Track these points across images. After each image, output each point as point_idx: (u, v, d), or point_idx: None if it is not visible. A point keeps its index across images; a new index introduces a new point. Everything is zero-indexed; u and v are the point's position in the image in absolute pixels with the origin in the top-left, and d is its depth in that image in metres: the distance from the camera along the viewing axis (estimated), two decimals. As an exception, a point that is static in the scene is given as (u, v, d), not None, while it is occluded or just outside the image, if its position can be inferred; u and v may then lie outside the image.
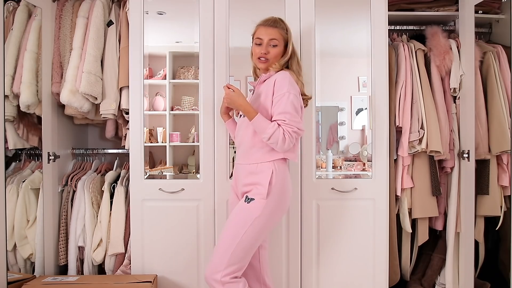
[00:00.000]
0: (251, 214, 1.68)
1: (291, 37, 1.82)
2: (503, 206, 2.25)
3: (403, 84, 2.30)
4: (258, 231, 1.70)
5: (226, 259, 1.64)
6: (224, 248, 1.67)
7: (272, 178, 1.70)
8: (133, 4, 2.22)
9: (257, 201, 1.68)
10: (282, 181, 1.74)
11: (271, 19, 1.80)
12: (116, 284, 2.05)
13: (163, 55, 2.48)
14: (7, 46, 2.24)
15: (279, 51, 1.78)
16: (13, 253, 2.36)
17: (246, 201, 1.71)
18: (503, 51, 2.29)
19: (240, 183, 1.81)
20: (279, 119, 1.66)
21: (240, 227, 1.68)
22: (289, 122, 1.64)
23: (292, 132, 1.65)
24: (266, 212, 1.68)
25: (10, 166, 2.59)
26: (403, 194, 2.34)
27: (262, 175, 1.72)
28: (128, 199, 2.34)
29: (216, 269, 1.64)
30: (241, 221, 1.68)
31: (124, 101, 2.34)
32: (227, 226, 1.74)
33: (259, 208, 1.67)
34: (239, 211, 1.73)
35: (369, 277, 2.24)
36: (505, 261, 2.16)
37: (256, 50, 1.79)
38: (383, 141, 2.22)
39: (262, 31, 1.78)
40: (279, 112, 1.66)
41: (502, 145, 2.18)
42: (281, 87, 1.68)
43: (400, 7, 2.39)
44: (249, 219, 1.67)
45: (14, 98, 2.31)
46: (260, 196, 1.68)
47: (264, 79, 1.80)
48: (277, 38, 1.76)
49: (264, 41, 1.76)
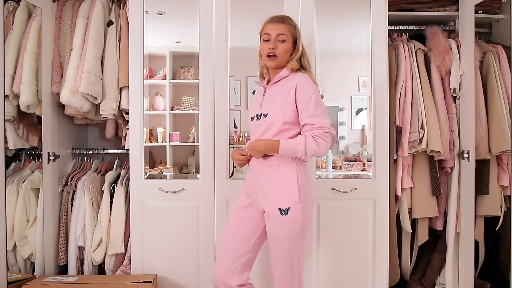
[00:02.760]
0: (296, 223, 1.64)
1: (300, 33, 1.78)
2: (503, 206, 2.25)
3: (403, 84, 2.30)
4: (305, 235, 1.72)
5: (295, 274, 1.69)
6: (290, 268, 1.68)
7: (299, 180, 1.67)
8: (133, 4, 2.22)
9: (294, 208, 1.63)
10: (306, 178, 1.71)
11: (279, 15, 1.78)
12: (116, 284, 2.05)
13: (163, 55, 2.48)
14: (7, 46, 2.24)
15: (287, 47, 1.73)
16: (13, 253, 2.36)
17: (282, 213, 1.63)
18: (503, 51, 2.29)
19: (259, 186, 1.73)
20: (308, 122, 1.63)
21: (293, 241, 1.65)
22: (319, 124, 1.62)
23: (324, 132, 1.61)
24: (304, 215, 1.67)
25: (10, 166, 2.59)
26: (403, 194, 2.34)
27: (285, 178, 1.67)
28: (128, 199, 2.34)
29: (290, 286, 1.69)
30: (291, 235, 1.65)
31: (124, 101, 2.34)
32: (280, 247, 1.67)
33: (299, 214, 1.64)
34: (281, 225, 1.65)
35: (369, 277, 2.24)
36: (505, 261, 2.16)
37: (264, 46, 1.74)
38: (383, 141, 2.22)
39: (270, 27, 1.74)
40: (308, 116, 1.64)
41: (502, 145, 2.18)
42: (306, 92, 1.65)
43: (400, 7, 2.39)
44: (296, 229, 1.64)
45: (14, 98, 2.31)
46: (294, 201, 1.64)
47: (278, 79, 1.74)
48: (285, 33, 1.72)
49: (272, 37, 1.72)
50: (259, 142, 1.70)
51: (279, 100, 1.69)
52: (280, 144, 1.64)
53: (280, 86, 1.73)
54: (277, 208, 1.64)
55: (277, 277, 1.72)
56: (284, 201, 1.64)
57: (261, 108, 1.75)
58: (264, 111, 1.72)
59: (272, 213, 1.66)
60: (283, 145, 1.64)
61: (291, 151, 1.64)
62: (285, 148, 1.64)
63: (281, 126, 1.68)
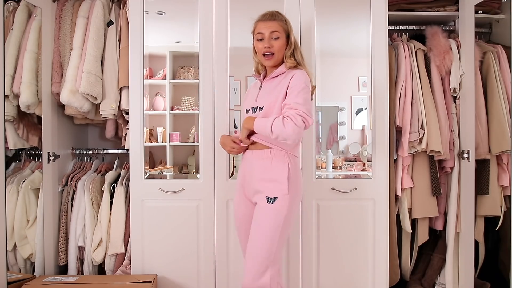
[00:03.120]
0: (280, 213, 1.66)
1: (291, 27, 1.79)
2: (503, 206, 2.25)
3: (403, 84, 2.30)
4: (288, 228, 1.71)
5: (269, 262, 1.64)
6: (264, 252, 1.64)
7: (289, 173, 1.69)
8: (133, 4, 2.22)
9: (281, 199, 1.66)
10: (296, 172, 1.74)
11: (269, 13, 1.78)
12: (116, 284, 2.05)
13: (163, 55, 2.48)
14: (7, 46, 2.24)
15: (282, 43, 1.74)
16: (13, 253, 2.36)
17: (269, 201, 1.67)
18: (503, 51, 2.29)
19: (253, 179, 1.75)
20: (286, 103, 1.63)
21: (274, 228, 1.65)
22: (294, 106, 1.59)
23: (296, 114, 1.56)
24: (290, 208, 1.69)
25: (10, 166, 2.59)
26: (403, 194, 2.34)
27: (278, 170, 1.70)
28: (128, 199, 2.34)
29: (260, 275, 1.63)
30: (273, 222, 1.65)
31: (124, 101, 2.34)
32: (260, 230, 1.68)
33: (285, 205, 1.66)
34: (266, 212, 1.67)
35: (369, 277, 2.24)
36: (505, 261, 2.16)
37: (259, 45, 1.76)
38: (383, 141, 2.22)
39: (262, 26, 1.75)
40: (289, 99, 1.63)
41: (502, 145, 2.18)
42: (297, 82, 1.66)
43: (400, 7, 2.39)
44: (279, 219, 1.66)
45: (14, 98, 2.31)
46: (282, 193, 1.67)
47: (276, 75, 1.76)
48: (278, 30, 1.74)
49: (266, 35, 1.73)
50: (244, 122, 1.74)
51: (275, 94, 1.71)
52: (255, 121, 1.67)
53: (277, 81, 1.75)
54: (265, 196, 1.68)
55: (248, 260, 1.70)
56: (273, 191, 1.68)
57: (257, 101, 1.77)
58: (260, 104, 1.75)
59: (260, 202, 1.71)
60: (257, 121, 1.67)
61: (263, 129, 1.64)
62: (258, 124, 1.66)
63: None
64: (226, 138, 1.86)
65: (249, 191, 1.78)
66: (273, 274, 1.65)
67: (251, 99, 1.83)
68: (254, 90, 1.86)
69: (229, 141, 1.82)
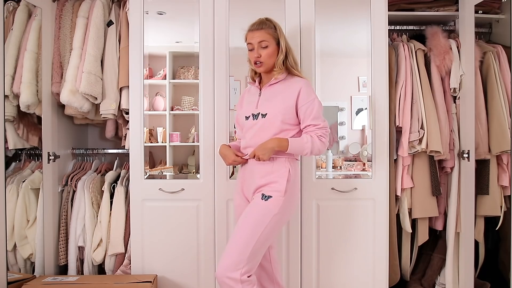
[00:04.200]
0: (270, 211, 1.67)
1: (281, 33, 1.81)
2: (503, 206, 2.25)
3: (403, 84, 2.30)
4: (274, 228, 1.71)
5: (245, 256, 1.61)
6: (242, 245, 1.64)
7: (289, 176, 1.73)
8: (133, 4, 2.22)
9: (275, 198, 1.69)
10: (295, 178, 1.80)
11: (257, 22, 1.81)
12: (116, 284, 2.05)
13: (163, 55, 2.48)
14: (7, 46, 2.25)
15: (271, 51, 1.77)
16: (13, 253, 2.36)
17: (263, 198, 1.70)
18: (503, 51, 2.29)
19: (253, 181, 1.77)
20: (313, 123, 1.74)
21: (258, 224, 1.66)
22: (322, 125, 1.75)
23: (326, 132, 1.76)
24: (282, 210, 1.70)
25: (10, 166, 2.59)
26: (403, 194, 2.34)
27: (278, 174, 1.73)
28: (128, 199, 2.34)
29: (234, 267, 1.60)
30: (260, 218, 1.67)
31: (124, 101, 2.34)
32: (244, 223, 1.69)
33: (278, 205, 1.68)
34: (256, 208, 1.70)
35: (369, 277, 2.24)
36: (505, 261, 2.16)
37: (250, 55, 1.82)
38: (383, 141, 2.22)
39: (250, 36, 1.79)
40: (313, 118, 1.74)
41: (502, 145, 2.18)
42: (308, 96, 1.76)
43: (400, 7, 2.40)
44: (268, 216, 1.67)
45: (14, 98, 2.31)
46: (278, 194, 1.70)
47: (275, 82, 1.80)
48: (265, 39, 1.76)
49: (255, 45, 1.77)
50: (269, 142, 1.73)
51: (279, 101, 1.76)
52: (289, 142, 1.71)
53: (279, 88, 1.79)
54: (261, 193, 1.72)
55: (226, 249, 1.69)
56: (269, 189, 1.72)
57: (258, 108, 1.80)
58: (263, 111, 1.77)
59: (255, 199, 1.74)
60: (292, 142, 1.72)
61: (298, 149, 1.73)
62: (293, 145, 1.72)
63: (282, 125, 1.75)
64: (228, 150, 1.86)
65: (249, 191, 1.81)
66: (247, 272, 1.61)
67: (250, 105, 1.85)
68: (251, 97, 1.88)
69: (232, 155, 1.84)
